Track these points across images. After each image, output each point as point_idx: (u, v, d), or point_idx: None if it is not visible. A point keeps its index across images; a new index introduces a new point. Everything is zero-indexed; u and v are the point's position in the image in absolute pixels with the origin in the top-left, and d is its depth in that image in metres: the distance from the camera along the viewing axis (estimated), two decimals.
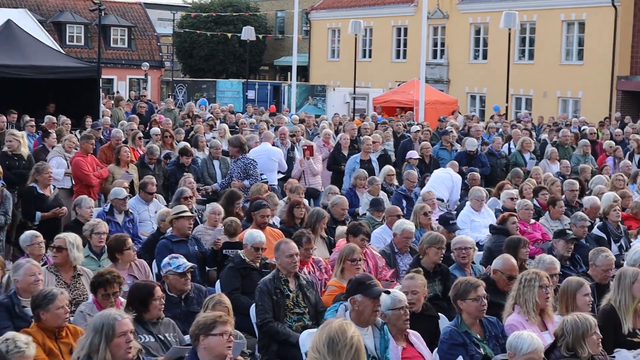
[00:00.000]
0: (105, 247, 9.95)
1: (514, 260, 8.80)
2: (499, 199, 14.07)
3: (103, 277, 7.71)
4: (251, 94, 42.93)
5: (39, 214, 12.16)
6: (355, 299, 6.74)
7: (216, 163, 16.07)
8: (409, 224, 10.56)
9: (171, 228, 10.61)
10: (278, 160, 16.09)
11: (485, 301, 7.24)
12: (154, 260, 10.34)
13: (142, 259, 10.30)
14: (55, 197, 12.56)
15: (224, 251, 10.23)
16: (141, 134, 17.70)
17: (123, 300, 7.72)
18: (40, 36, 26.14)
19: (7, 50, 21.96)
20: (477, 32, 45.18)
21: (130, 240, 9.48)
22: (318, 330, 4.93)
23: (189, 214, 10.59)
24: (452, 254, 9.83)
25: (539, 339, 6.26)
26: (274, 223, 11.99)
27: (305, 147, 16.92)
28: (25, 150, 13.97)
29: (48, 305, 6.84)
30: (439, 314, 8.41)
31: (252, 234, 9.55)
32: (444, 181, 15.18)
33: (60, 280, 8.55)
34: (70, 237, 8.89)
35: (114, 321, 6.00)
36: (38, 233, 9.61)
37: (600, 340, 6.66)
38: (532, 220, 12.62)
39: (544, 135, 23.26)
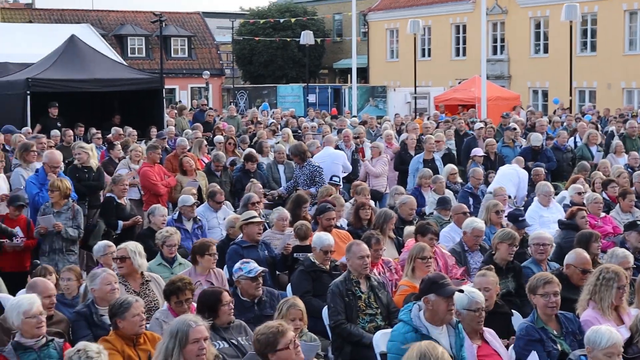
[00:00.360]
0: (177, 254, 10.12)
1: (586, 254, 8.70)
2: None
3: (174, 285, 7.82)
4: (312, 98, 43.04)
5: (121, 222, 12.43)
6: (428, 299, 6.73)
7: (281, 168, 16.15)
8: (479, 222, 10.50)
9: (241, 234, 10.70)
10: (342, 163, 16.13)
11: (554, 298, 7.17)
12: (224, 267, 10.47)
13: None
14: (131, 207, 12.85)
15: (294, 255, 10.29)
16: (205, 142, 17.87)
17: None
18: (103, 50, 26.67)
19: (73, 65, 22.38)
20: (537, 25, 44.73)
21: (214, 248, 9.57)
22: (407, 352, 4.97)
23: (258, 219, 10.67)
24: (528, 249, 9.72)
25: (617, 333, 6.21)
26: (341, 225, 12.02)
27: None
28: (94, 162, 14.20)
29: (124, 314, 6.94)
30: (513, 310, 8.35)
31: (321, 237, 9.58)
32: (511, 178, 15.06)
33: (129, 289, 8.59)
34: (131, 246, 8.98)
35: (188, 327, 6.07)
36: (111, 243, 9.76)
37: None
38: (602, 214, 12.46)
39: (611, 128, 22.89)
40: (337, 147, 17.04)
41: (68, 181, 11.89)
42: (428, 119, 27.48)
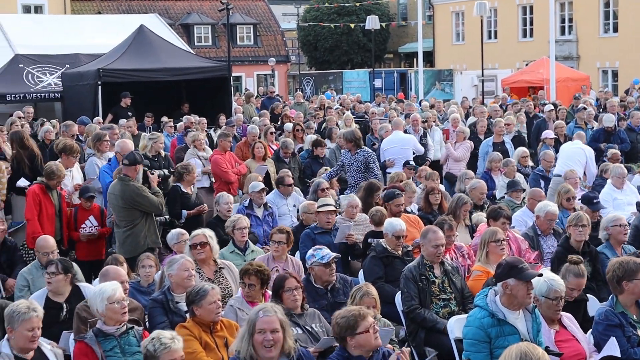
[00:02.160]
0: (249, 241, 10.21)
1: None
2: None
3: (244, 268, 8.00)
4: (378, 83, 42.89)
5: (185, 212, 12.50)
6: (507, 283, 6.66)
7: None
8: (552, 206, 10.37)
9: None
10: (412, 147, 16.07)
11: None
12: (296, 252, 10.53)
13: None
14: (197, 195, 12.95)
15: (369, 240, 10.27)
16: (273, 129, 17.96)
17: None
18: (171, 39, 26.88)
19: (142, 55, 22.65)
20: (607, 4, 43.90)
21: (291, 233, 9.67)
22: (505, 352, 4.94)
23: (332, 207, 10.69)
24: (604, 232, 9.56)
25: None
26: (411, 210, 11.99)
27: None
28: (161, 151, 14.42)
29: (201, 301, 7.02)
30: (589, 295, 8.25)
31: (392, 223, 9.57)
32: (577, 157, 14.74)
33: (203, 276, 8.69)
34: (207, 231, 9.12)
35: (256, 316, 6.11)
36: (184, 231, 9.90)
37: None
38: None
39: None
40: (405, 132, 16.97)
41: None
42: (498, 101, 27.18)
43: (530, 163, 16.03)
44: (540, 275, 6.89)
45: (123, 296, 7.07)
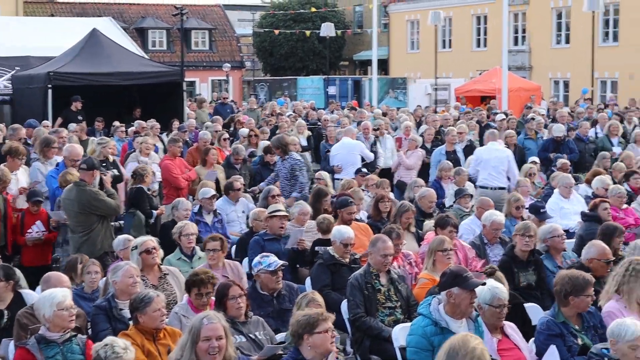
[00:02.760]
0: (196, 248, 10.13)
1: (604, 244, 8.68)
2: (590, 186, 13.83)
3: (198, 277, 7.82)
4: (332, 90, 42.98)
5: (154, 212, 12.51)
6: (451, 292, 6.69)
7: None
8: (498, 215, 10.43)
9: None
10: (359, 152, 16.12)
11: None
12: (244, 259, 10.49)
13: (236, 258, 10.47)
14: (157, 197, 12.98)
15: (316, 248, 10.26)
16: (227, 135, 17.89)
17: None
18: (124, 43, 26.68)
19: (94, 58, 22.45)
20: (559, 16, 44.47)
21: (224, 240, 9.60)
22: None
23: (283, 213, 10.68)
24: (542, 244, 9.66)
25: None
26: (360, 218, 11.99)
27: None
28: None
29: (145, 308, 6.95)
30: (534, 303, 8.30)
31: (340, 230, 9.57)
32: (500, 165, 14.79)
33: (147, 283, 8.57)
34: (152, 237, 9.08)
35: (200, 324, 6.06)
36: (131, 237, 9.79)
37: None
38: (625, 205, 12.37)
39: (635, 118, 22.67)
40: (356, 139, 17.02)
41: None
42: (448, 110, 27.35)
43: None
44: (484, 284, 6.92)
45: (72, 303, 6.98)
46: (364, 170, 14.99)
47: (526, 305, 8.38)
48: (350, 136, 16.60)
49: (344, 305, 8.59)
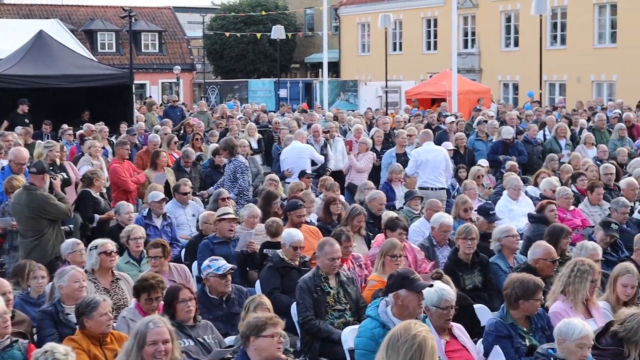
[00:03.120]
0: (144, 252, 10.05)
1: (548, 245, 8.80)
2: (537, 187, 13.97)
3: (147, 281, 7.76)
4: (283, 93, 42.98)
5: (97, 216, 12.34)
6: (399, 294, 6.71)
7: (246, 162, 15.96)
8: (446, 217, 10.49)
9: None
10: (309, 156, 16.11)
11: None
12: (194, 263, 10.42)
13: (185, 261, 10.39)
14: (105, 202, 12.84)
15: (264, 251, 10.24)
16: (176, 139, 17.79)
17: None
18: (72, 45, 26.49)
19: (41, 61, 22.20)
20: (508, 19, 44.88)
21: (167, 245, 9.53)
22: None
23: (232, 216, 10.63)
24: (496, 244, 9.71)
25: (588, 325, 6.29)
26: (310, 220, 11.99)
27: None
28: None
29: (91, 313, 6.87)
30: (481, 305, 8.36)
31: (290, 233, 9.55)
32: (440, 166, 14.91)
33: (99, 286, 8.57)
34: (111, 241, 9.00)
35: (146, 328, 6.02)
36: (79, 240, 9.71)
37: None
38: (572, 207, 12.51)
39: (582, 121, 22.98)
40: (307, 142, 17.03)
41: (24, 179, 11.73)
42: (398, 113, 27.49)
43: None
44: (431, 285, 6.95)
45: (5, 309, 6.85)
46: (308, 172, 15.00)
47: (475, 306, 8.44)
48: (300, 140, 16.59)
49: (293, 308, 8.58)
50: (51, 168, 13.28)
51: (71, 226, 11.96)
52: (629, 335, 6.42)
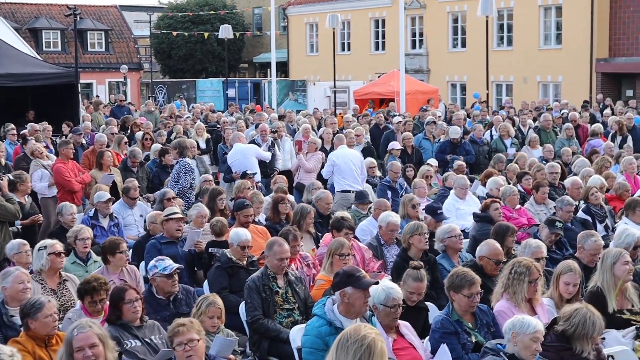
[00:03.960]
0: (91, 252, 9.96)
1: (498, 245, 8.84)
2: (484, 186, 14.11)
3: (90, 284, 7.67)
4: (231, 92, 42.78)
5: (18, 222, 12.10)
6: (345, 292, 6.73)
7: (192, 163, 15.85)
8: (393, 216, 10.54)
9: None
10: (254, 155, 16.08)
11: (478, 298, 7.24)
12: (142, 263, 10.34)
13: (132, 262, 10.31)
14: (31, 205, 12.60)
15: (210, 250, 10.21)
16: (126, 139, 17.65)
17: None
18: (16, 43, 26.02)
19: None
20: (455, 20, 45.23)
21: (125, 245, 9.45)
22: None
23: (179, 215, 10.57)
24: (440, 244, 9.79)
25: (540, 321, 6.42)
26: (259, 220, 11.96)
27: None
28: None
29: (36, 314, 6.80)
30: (429, 303, 8.41)
31: (238, 233, 9.53)
32: (355, 168, 15.12)
33: (46, 287, 8.49)
34: (58, 242, 8.90)
35: (71, 335, 5.99)
36: (25, 242, 9.57)
37: (598, 345, 6.70)
38: (518, 206, 12.65)
39: (529, 121, 23.26)
40: (253, 142, 17.00)
41: None
42: (345, 113, 27.57)
43: (378, 173, 16.32)
44: (377, 283, 6.98)
45: None
46: (249, 172, 15.00)
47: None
48: (239, 140, 16.49)
49: (242, 307, 8.56)
50: None
51: (19, 227, 11.80)
52: (578, 330, 6.52)
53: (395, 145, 17.53)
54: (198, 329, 6.39)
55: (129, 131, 20.87)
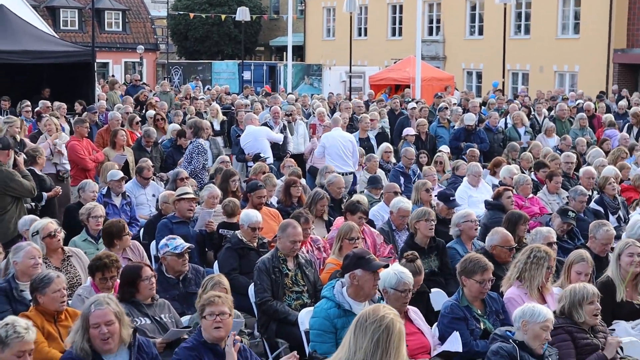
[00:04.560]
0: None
1: (507, 232, 8.86)
2: (493, 175, 14.08)
3: (101, 261, 7.68)
4: (247, 75, 42.77)
5: (45, 194, 12.13)
6: (355, 274, 6.72)
7: (206, 144, 15.80)
8: (405, 202, 10.51)
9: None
10: (266, 137, 16.09)
11: (489, 285, 7.23)
12: (152, 242, 10.38)
13: (143, 241, 10.34)
14: (50, 179, 12.64)
15: (220, 231, 10.21)
16: (139, 118, 17.66)
17: None
18: (34, 21, 26.08)
19: (1, 36, 21.84)
20: (473, 7, 45.01)
21: (127, 225, 9.45)
22: None
23: (191, 195, 10.58)
24: (455, 229, 9.74)
25: (549, 310, 6.42)
26: (271, 203, 11.97)
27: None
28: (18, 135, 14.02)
29: (45, 289, 6.83)
30: (437, 289, 8.40)
31: (249, 214, 9.54)
32: (346, 150, 15.18)
33: (50, 266, 8.45)
34: (51, 220, 8.89)
35: (88, 311, 6.02)
36: (37, 217, 9.59)
37: (598, 311, 6.71)
38: (530, 194, 12.60)
39: (544, 110, 23.16)
40: (266, 124, 17.00)
41: None
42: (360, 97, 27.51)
43: (393, 159, 16.28)
44: (387, 266, 6.97)
45: None
46: (262, 156, 15.02)
47: (432, 290, 8.49)
48: (252, 122, 16.48)
49: (251, 289, 8.57)
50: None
51: (33, 204, 11.83)
52: (571, 299, 6.69)
53: (409, 131, 17.49)
54: (230, 305, 6.41)
55: (144, 110, 20.90)
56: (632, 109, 21.70)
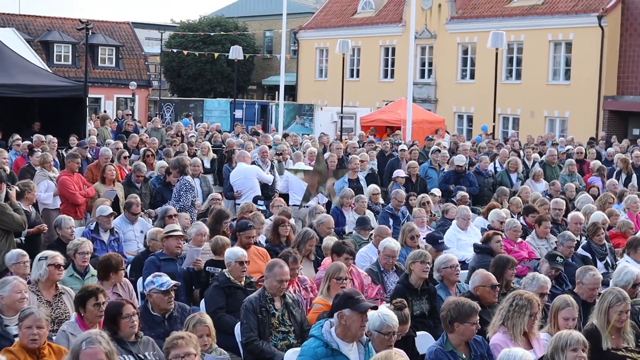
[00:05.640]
0: (90, 266, 9.92)
1: (486, 272, 8.86)
2: (486, 219, 14.09)
3: (90, 287, 7.72)
4: (239, 114, 42.90)
5: (24, 232, 12.04)
6: (343, 314, 6.71)
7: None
8: (392, 242, 10.48)
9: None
10: (256, 176, 16.09)
11: (476, 327, 7.23)
12: (139, 279, 10.32)
13: (130, 277, 10.28)
14: (37, 214, 12.58)
15: (207, 268, 10.17)
16: (127, 153, 17.66)
17: None
18: (27, 55, 26.16)
19: None
20: (465, 51, 45.32)
21: (123, 261, 9.43)
22: None
23: (179, 233, 10.55)
24: (437, 274, 9.76)
25: (529, 354, 6.31)
26: (259, 241, 11.93)
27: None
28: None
29: (20, 324, 6.80)
30: (424, 332, 8.37)
31: (233, 251, 9.53)
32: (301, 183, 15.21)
33: (41, 299, 8.45)
34: (59, 254, 8.87)
35: (79, 348, 5.94)
36: (24, 252, 9.53)
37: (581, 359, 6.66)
38: (519, 239, 12.61)
39: (535, 155, 23.27)
40: (253, 163, 17.01)
41: None
42: (350, 139, 27.59)
43: (381, 201, 16.28)
44: (375, 307, 6.95)
45: None
46: (258, 195, 15.07)
47: (418, 333, 8.46)
48: (244, 160, 16.50)
49: (237, 328, 8.52)
50: None
51: (22, 238, 11.78)
52: (555, 344, 6.55)
53: (400, 173, 17.52)
54: (195, 344, 6.38)
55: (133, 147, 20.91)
56: (616, 155, 21.86)
